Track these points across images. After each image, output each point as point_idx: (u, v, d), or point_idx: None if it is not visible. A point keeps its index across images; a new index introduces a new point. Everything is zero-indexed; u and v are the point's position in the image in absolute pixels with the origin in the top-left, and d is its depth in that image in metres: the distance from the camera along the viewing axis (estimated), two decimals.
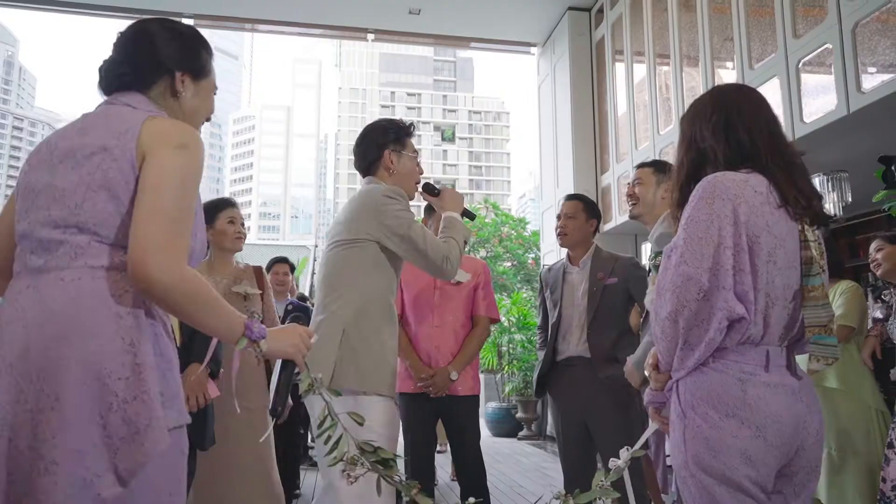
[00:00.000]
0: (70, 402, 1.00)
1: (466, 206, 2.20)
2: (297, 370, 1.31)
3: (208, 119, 1.38)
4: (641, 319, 2.54)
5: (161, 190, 1.09)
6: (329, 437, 1.34)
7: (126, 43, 1.27)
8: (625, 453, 1.49)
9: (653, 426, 1.53)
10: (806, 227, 1.36)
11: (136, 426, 1.03)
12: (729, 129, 1.41)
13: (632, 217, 2.62)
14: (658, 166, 2.61)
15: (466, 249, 2.21)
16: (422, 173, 2.17)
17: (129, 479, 1.02)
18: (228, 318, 1.14)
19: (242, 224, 2.80)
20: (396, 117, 2.16)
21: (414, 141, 2.15)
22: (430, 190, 2.18)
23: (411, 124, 2.14)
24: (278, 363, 1.42)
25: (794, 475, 1.32)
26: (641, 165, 2.65)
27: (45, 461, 0.98)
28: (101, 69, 1.27)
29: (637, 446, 1.51)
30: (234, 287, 2.70)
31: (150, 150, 1.12)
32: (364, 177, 2.11)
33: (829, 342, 1.36)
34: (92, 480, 0.99)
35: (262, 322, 1.20)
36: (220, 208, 2.73)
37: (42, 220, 1.12)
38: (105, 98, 1.26)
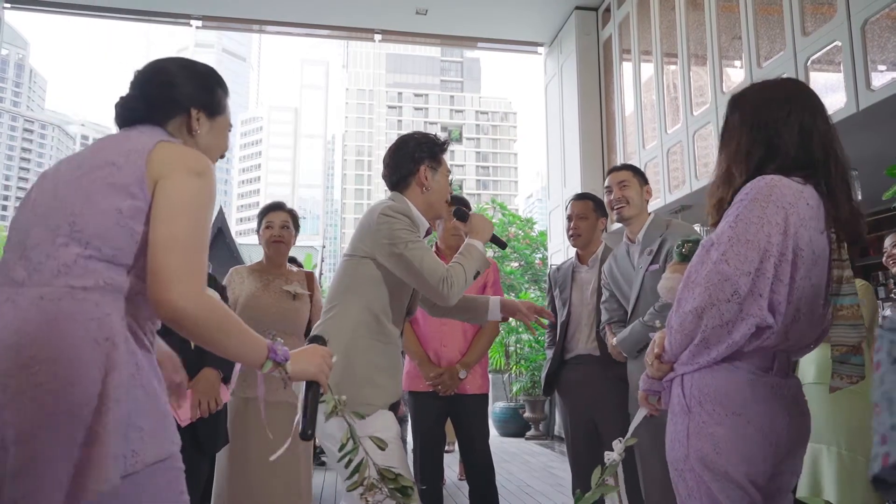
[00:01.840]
0: (40, 437, 0.95)
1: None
2: (322, 391, 1.29)
3: (222, 156, 1.38)
4: (631, 304, 2.56)
5: (179, 216, 1.09)
6: (350, 461, 1.33)
7: (143, 80, 1.27)
8: (618, 445, 1.51)
9: (641, 412, 1.53)
10: (842, 246, 1.34)
11: (88, 461, 0.97)
12: (804, 134, 1.35)
13: (622, 219, 2.65)
14: (635, 170, 2.71)
15: None
16: (452, 194, 2.11)
17: None
18: (253, 342, 1.14)
19: (283, 227, 2.82)
20: (431, 132, 2.08)
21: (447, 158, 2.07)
22: (460, 216, 2.11)
23: (446, 141, 2.07)
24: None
25: (781, 475, 1.33)
26: (618, 169, 2.72)
27: (11, 495, 0.94)
28: (117, 105, 1.26)
29: (628, 435, 1.53)
30: (285, 286, 2.80)
31: (164, 174, 1.11)
32: (392, 190, 2.01)
33: (857, 362, 1.35)
34: None
35: (284, 344, 1.20)
36: (264, 212, 2.88)
37: (36, 225, 1.10)
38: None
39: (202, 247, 1.11)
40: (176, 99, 1.26)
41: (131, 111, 1.25)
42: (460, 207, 2.15)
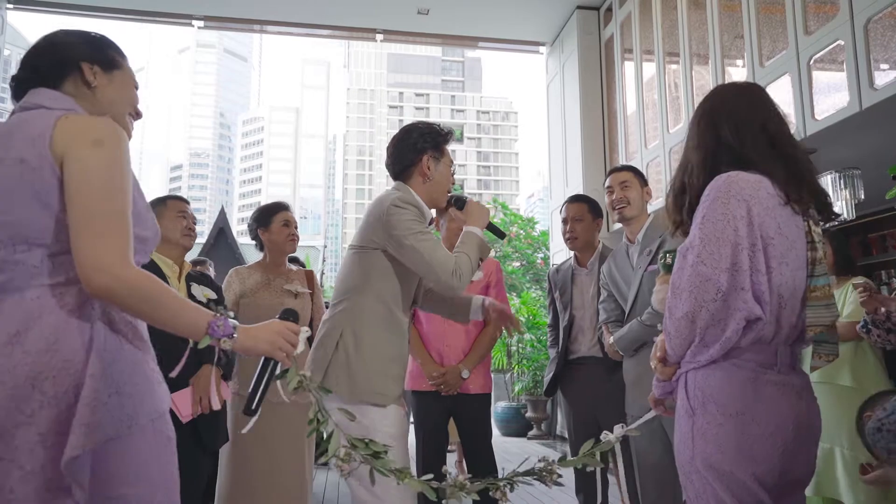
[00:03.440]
0: (41, 417, 1.03)
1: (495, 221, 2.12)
2: (280, 368, 1.28)
3: (137, 114, 1.35)
4: (629, 304, 2.56)
5: (85, 194, 1.08)
6: (321, 435, 1.36)
7: (29, 54, 1.26)
8: (618, 429, 1.52)
9: (651, 413, 1.56)
10: (812, 226, 1.36)
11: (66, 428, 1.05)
12: (744, 129, 1.41)
13: (624, 220, 2.66)
14: (635, 171, 2.73)
15: None
16: (454, 184, 2.11)
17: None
18: (192, 315, 1.14)
19: (296, 227, 2.96)
20: (435, 122, 2.09)
21: (450, 149, 2.07)
22: (457, 203, 2.11)
23: (450, 132, 2.06)
24: None
25: (792, 471, 1.32)
26: (620, 169, 2.75)
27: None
28: (10, 84, 1.26)
29: (633, 426, 1.55)
30: (286, 285, 2.86)
31: (66, 153, 1.10)
32: (395, 180, 2.03)
33: (831, 340, 1.39)
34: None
35: (233, 319, 1.20)
36: (274, 212, 2.93)
37: None
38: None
39: (117, 219, 1.09)
40: (64, 58, 1.24)
41: (25, 83, 1.23)
42: (459, 196, 2.14)
